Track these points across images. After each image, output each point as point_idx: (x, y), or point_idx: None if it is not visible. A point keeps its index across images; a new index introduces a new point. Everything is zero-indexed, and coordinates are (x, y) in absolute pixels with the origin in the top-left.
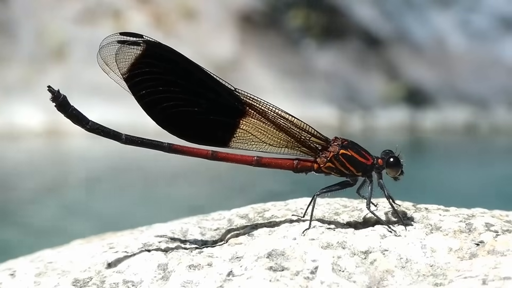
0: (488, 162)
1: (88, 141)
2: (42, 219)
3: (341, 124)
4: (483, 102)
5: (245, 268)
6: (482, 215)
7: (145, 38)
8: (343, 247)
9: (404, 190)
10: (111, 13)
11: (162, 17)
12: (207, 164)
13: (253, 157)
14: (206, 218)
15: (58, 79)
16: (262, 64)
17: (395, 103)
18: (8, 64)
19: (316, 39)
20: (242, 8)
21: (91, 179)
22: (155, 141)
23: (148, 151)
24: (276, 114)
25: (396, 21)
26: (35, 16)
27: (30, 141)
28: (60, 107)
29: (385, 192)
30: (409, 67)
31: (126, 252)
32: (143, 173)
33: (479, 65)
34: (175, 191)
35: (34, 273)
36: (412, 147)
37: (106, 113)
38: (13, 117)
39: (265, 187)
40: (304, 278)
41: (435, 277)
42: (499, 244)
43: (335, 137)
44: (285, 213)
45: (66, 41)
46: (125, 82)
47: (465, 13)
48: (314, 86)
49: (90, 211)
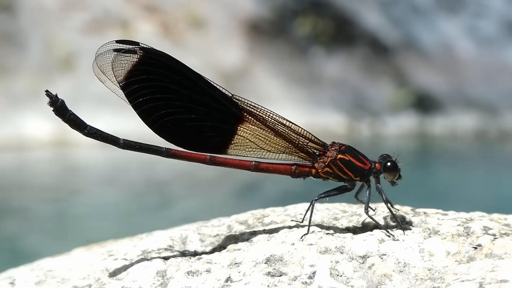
0: (497, 168)
1: (96, 151)
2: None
3: (350, 131)
4: (492, 108)
5: (243, 273)
6: (480, 218)
7: (141, 45)
8: (341, 252)
9: (413, 196)
10: (118, 23)
11: (170, 27)
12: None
13: (252, 162)
14: (205, 224)
15: (66, 90)
16: (270, 72)
17: (403, 110)
18: (16, 75)
19: (324, 46)
20: (250, 17)
21: (98, 188)
22: (152, 146)
23: (157, 161)
24: (273, 120)
25: (404, 27)
26: (42, 27)
27: (38, 151)
28: (58, 112)
29: (383, 197)
30: (417, 74)
31: (125, 259)
32: (152, 183)
33: (488, 71)
34: (186, 201)
35: (34, 281)
36: (421, 153)
37: (113, 123)
38: (21, 128)
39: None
40: (302, 283)
41: (433, 280)
42: (497, 247)
43: (333, 142)
44: (284, 219)
45: (74, 51)
46: (122, 90)
47: (473, 19)
48: (322, 94)
49: (99, 219)
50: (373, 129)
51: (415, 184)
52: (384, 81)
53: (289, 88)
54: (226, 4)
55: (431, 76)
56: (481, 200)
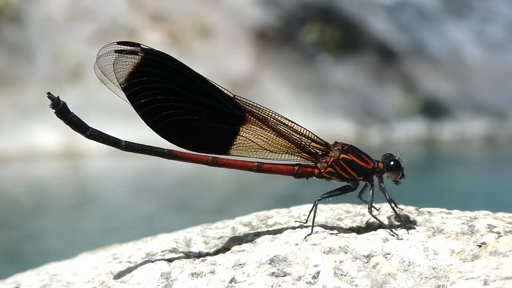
0: (507, 172)
1: (105, 161)
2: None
3: (359, 138)
4: (501, 113)
5: (247, 274)
6: (485, 217)
7: (143, 47)
8: (345, 251)
9: (423, 201)
10: (126, 32)
11: (177, 36)
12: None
13: (254, 163)
14: (210, 227)
15: (75, 100)
16: (278, 80)
17: (412, 116)
18: (24, 86)
19: (332, 53)
20: (257, 25)
21: (110, 198)
22: (155, 147)
23: (163, 170)
24: (276, 120)
25: (411, 33)
26: (51, 38)
27: (48, 162)
28: (60, 114)
29: (386, 196)
30: (426, 79)
31: (129, 262)
32: (159, 188)
33: (496, 76)
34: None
35: (39, 285)
36: (430, 159)
37: (122, 132)
38: (30, 139)
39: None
40: (306, 283)
41: (437, 279)
42: (501, 245)
43: (335, 142)
44: (288, 220)
45: (82, 61)
46: (123, 92)
47: (480, 24)
48: (331, 101)
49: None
50: (382, 135)
51: (424, 189)
52: (392, 87)
53: (297, 95)
54: (233, 13)
55: (439, 81)
56: (490, 205)
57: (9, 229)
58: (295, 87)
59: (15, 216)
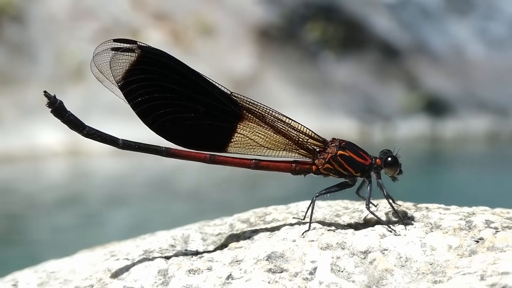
0: (510, 169)
1: (108, 160)
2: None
3: (362, 135)
4: (503, 110)
5: (245, 271)
6: (482, 212)
7: (139, 44)
8: (342, 247)
9: (425, 199)
10: (128, 32)
11: (179, 34)
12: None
13: (252, 160)
14: (208, 224)
15: (77, 99)
16: (281, 78)
17: (415, 113)
18: (27, 85)
19: (334, 51)
20: (260, 23)
21: (114, 197)
22: (152, 145)
23: (167, 167)
24: (273, 117)
25: (413, 31)
26: (53, 37)
27: (51, 161)
28: (56, 113)
29: (384, 192)
30: (428, 77)
31: (127, 259)
32: (161, 186)
33: (498, 73)
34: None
35: (37, 282)
36: (433, 156)
37: (124, 132)
38: (33, 138)
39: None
40: (303, 279)
41: (434, 274)
42: (499, 240)
43: (333, 138)
44: (286, 216)
45: (84, 61)
46: (120, 89)
47: (483, 22)
48: (333, 99)
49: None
50: (384, 133)
51: (427, 186)
52: (395, 85)
53: (300, 93)
54: (235, 11)
55: (442, 79)
56: (492, 201)
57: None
58: (298, 85)
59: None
